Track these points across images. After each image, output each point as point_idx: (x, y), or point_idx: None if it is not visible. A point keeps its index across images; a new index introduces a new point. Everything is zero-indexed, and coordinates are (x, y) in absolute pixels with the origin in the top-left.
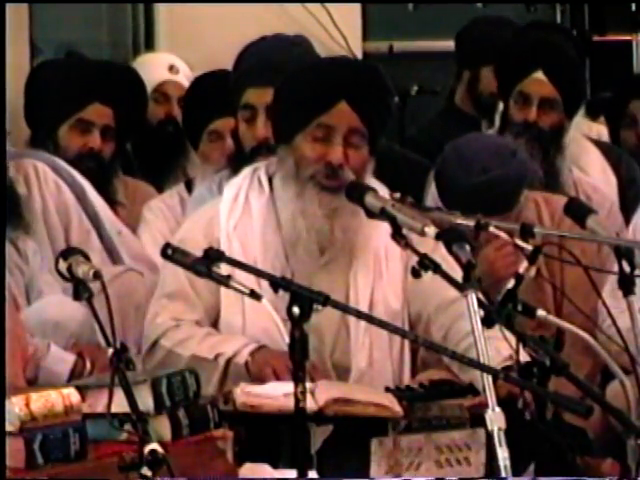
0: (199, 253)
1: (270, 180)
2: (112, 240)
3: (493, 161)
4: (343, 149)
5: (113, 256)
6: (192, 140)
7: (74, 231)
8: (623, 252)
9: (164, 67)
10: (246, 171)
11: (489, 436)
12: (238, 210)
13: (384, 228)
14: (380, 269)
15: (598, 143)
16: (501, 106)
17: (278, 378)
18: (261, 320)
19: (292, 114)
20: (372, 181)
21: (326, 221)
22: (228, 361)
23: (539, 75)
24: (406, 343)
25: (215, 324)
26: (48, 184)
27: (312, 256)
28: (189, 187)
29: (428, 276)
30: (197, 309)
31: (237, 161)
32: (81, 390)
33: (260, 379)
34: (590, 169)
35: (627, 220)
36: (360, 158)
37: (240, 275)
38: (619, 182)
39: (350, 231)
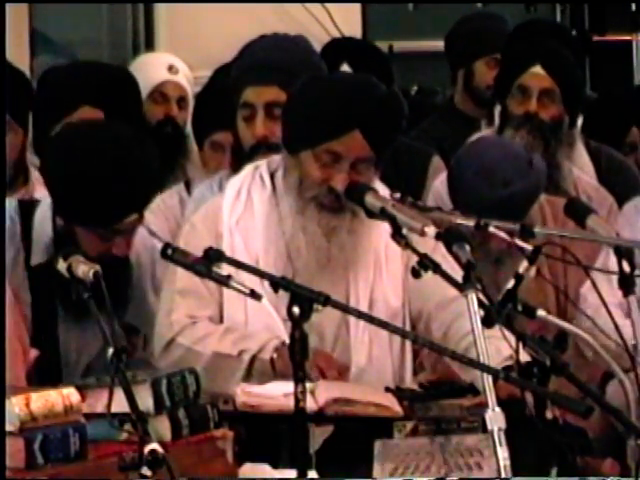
0: (204, 248)
1: (272, 177)
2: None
3: (513, 172)
4: (348, 175)
5: None
6: (198, 143)
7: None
8: (623, 252)
9: (163, 67)
10: (248, 169)
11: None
12: (240, 206)
13: (384, 227)
14: (380, 268)
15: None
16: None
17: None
18: (263, 317)
19: (301, 133)
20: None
21: (324, 239)
22: (253, 357)
23: (537, 69)
24: (407, 341)
25: (220, 320)
26: None
27: (311, 265)
28: (189, 187)
29: (429, 274)
30: (210, 305)
31: (237, 160)
32: (81, 390)
33: (285, 375)
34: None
35: None
36: (365, 180)
37: (241, 273)
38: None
39: (347, 249)
